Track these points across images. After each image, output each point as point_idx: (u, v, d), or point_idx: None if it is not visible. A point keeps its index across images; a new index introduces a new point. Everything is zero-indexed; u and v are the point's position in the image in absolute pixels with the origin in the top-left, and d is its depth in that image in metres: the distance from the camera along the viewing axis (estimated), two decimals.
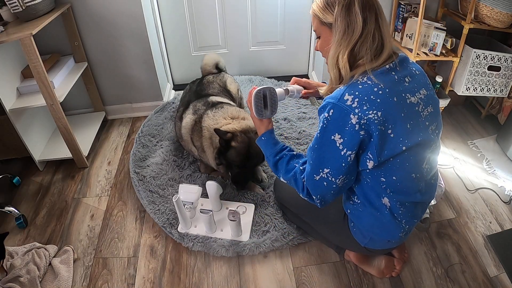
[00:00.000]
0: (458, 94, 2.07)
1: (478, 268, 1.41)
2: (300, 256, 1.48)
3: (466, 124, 2.22)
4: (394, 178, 1.03)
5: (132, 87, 2.34)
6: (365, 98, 0.94)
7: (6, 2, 1.69)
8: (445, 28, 1.94)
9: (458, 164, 1.92)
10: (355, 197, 1.13)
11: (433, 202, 1.58)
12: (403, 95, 0.98)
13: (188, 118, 1.79)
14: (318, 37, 1.09)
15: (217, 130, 1.55)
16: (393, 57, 1.01)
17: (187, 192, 1.59)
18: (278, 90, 1.23)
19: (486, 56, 1.89)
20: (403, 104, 0.98)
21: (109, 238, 1.60)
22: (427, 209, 1.58)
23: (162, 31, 2.45)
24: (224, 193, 1.68)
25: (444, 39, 1.95)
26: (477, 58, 1.91)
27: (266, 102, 1.18)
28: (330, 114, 0.97)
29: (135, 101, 2.41)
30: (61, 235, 1.63)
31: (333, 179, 1.01)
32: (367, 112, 0.93)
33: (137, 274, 1.45)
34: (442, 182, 1.65)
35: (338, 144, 0.97)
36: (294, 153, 1.18)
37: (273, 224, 1.56)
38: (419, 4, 1.85)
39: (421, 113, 1.02)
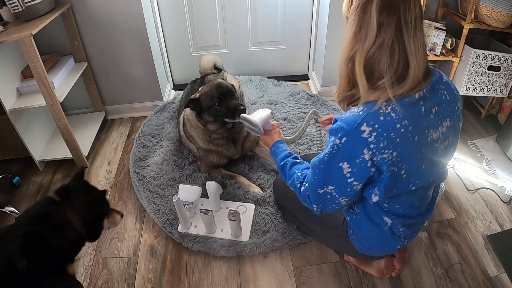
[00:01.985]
0: None
1: (478, 268, 1.41)
2: (300, 256, 1.47)
3: (466, 124, 2.22)
4: (397, 206, 1.02)
5: (132, 87, 2.34)
6: (385, 134, 0.84)
7: (6, 2, 1.69)
8: (445, 28, 1.94)
9: (458, 164, 1.92)
10: (356, 207, 1.11)
11: None
12: (426, 132, 0.88)
13: (182, 114, 1.85)
14: None
15: (186, 105, 1.66)
16: (423, 83, 0.86)
17: (187, 192, 1.59)
18: (257, 115, 1.34)
19: (486, 56, 1.89)
20: (423, 143, 0.88)
21: (109, 238, 1.60)
22: None
23: (162, 31, 2.45)
24: (224, 193, 1.68)
25: (444, 39, 1.95)
26: (477, 58, 1.91)
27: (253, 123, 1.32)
28: (342, 141, 0.88)
29: (135, 101, 2.41)
30: None
31: (336, 195, 0.98)
32: (382, 150, 0.85)
33: (137, 274, 1.45)
34: (442, 182, 1.65)
35: (345, 172, 0.91)
36: (297, 160, 1.19)
37: (273, 224, 1.56)
38: None
39: (438, 148, 0.94)
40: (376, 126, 0.84)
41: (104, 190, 1.23)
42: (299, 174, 1.11)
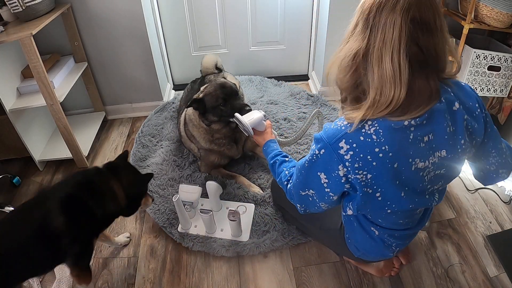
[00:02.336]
0: None
1: (478, 268, 1.41)
2: (300, 256, 1.47)
3: None
4: (379, 220, 1.02)
5: (132, 87, 2.34)
6: (361, 155, 0.81)
7: (6, 2, 1.69)
8: None
9: None
10: (350, 210, 1.12)
11: None
12: (410, 160, 0.83)
13: (183, 114, 1.85)
14: None
15: (188, 104, 1.64)
16: (416, 111, 0.78)
17: (187, 192, 1.59)
18: (250, 116, 1.40)
19: (486, 56, 1.89)
20: (403, 171, 0.83)
21: None
22: None
23: (162, 31, 2.45)
24: (224, 193, 1.68)
25: None
26: (477, 58, 1.91)
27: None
28: (321, 153, 0.87)
29: (135, 101, 2.41)
30: None
31: (317, 200, 0.98)
32: (356, 171, 0.83)
33: (137, 274, 1.45)
34: None
35: (323, 182, 0.91)
36: (286, 158, 1.21)
37: (273, 224, 1.56)
38: None
39: (425, 177, 0.87)
40: (354, 145, 0.82)
41: (149, 174, 1.33)
42: (286, 172, 1.13)
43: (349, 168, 0.83)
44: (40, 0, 1.71)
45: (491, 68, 1.93)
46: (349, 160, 0.82)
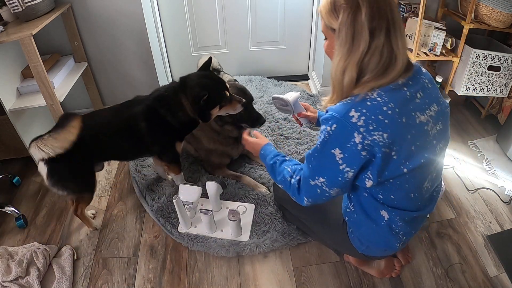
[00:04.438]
0: (458, 94, 2.07)
1: (478, 268, 1.41)
2: (300, 256, 1.48)
3: (466, 124, 2.22)
4: (392, 197, 1.01)
5: (132, 87, 2.34)
6: (373, 117, 0.87)
7: (6, 2, 1.69)
8: (445, 28, 1.94)
9: (458, 164, 1.92)
10: (351, 204, 1.12)
11: None
12: (413, 114, 0.92)
13: None
14: (325, 38, 1.00)
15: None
16: (407, 72, 0.93)
17: (187, 192, 1.59)
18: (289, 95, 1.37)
19: (486, 56, 1.89)
20: (412, 124, 0.91)
21: (109, 238, 1.60)
22: None
23: (162, 31, 2.45)
24: (224, 193, 1.68)
25: (444, 39, 1.94)
26: (477, 58, 1.91)
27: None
28: (333, 128, 0.91)
29: None
30: (61, 235, 1.63)
31: (327, 189, 0.99)
32: (372, 133, 0.87)
33: (137, 274, 1.45)
34: (442, 182, 1.65)
35: (337, 159, 0.93)
36: (286, 158, 1.22)
37: (273, 224, 1.56)
38: (419, 4, 1.85)
39: (430, 132, 0.96)
40: (364, 111, 0.88)
41: (223, 84, 1.47)
42: (289, 169, 1.13)
43: (364, 133, 0.88)
44: (40, 0, 1.71)
45: (491, 68, 1.93)
46: (363, 125, 0.88)
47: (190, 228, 1.58)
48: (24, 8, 1.68)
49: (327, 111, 0.96)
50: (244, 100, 1.51)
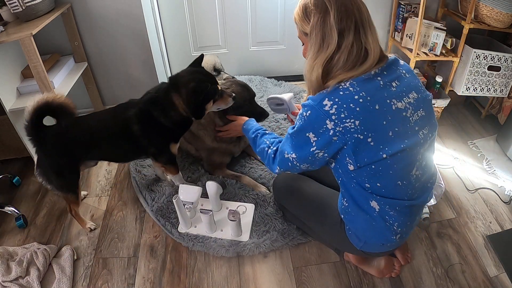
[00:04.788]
0: (458, 94, 2.07)
1: (478, 268, 1.41)
2: (300, 256, 1.48)
3: (466, 124, 2.22)
4: (378, 184, 1.02)
5: (132, 87, 2.34)
6: (344, 105, 0.94)
7: (6, 2, 1.69)
8: (445, 28, 1.94)
9: (458, 164, 1.92)
10: (345, 200, 1.13)
11: (433, 202, 1.58)
12: (388, 101, 0.96)
13: None
14: (303, 44, 1.09)
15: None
16: (380, 63, 0.99)
17: (187, 192, 1.59)
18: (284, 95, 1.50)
19: (486, 56, 1.90)
20: (387, 111, 0.96)
21: (109, 238, 1.60)
22: (427, 209, 1.58)
23: (162, 31, 2.45)
24: (224, 193, 1.68)
25: (444, 39, 1.95)
26: (477, 58, 1.91)
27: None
28: (307, 115, 0.99)
29: None
30: (61, 235, 1.63)
31: (297, 163, 1.08)
32: (344, 120, 0.94)
33: (137, 274, 1.45)
34: (442, 182, 1.65)
35: (312, 141, 1.01)
36: (267, 131, 1.35)
37: (273, 224, 1.56)
38: (419, 4, 1.86)
39: (410, 118, 1.00)
40: (336, 99, 0.95)
41: (214, 78, 1.47)
42: (267, 141, 1.25)
43: (336, 121, 0.94)
44: (40, 0, 1.72)
45: (491, 68, 1.93)
46: (335, 113, 0.94)
47: (190, 228, 1.58)
48: (24, 8, 1.68)
49: (307, 99, 1.04)
50: (234, 95, 1.54)
